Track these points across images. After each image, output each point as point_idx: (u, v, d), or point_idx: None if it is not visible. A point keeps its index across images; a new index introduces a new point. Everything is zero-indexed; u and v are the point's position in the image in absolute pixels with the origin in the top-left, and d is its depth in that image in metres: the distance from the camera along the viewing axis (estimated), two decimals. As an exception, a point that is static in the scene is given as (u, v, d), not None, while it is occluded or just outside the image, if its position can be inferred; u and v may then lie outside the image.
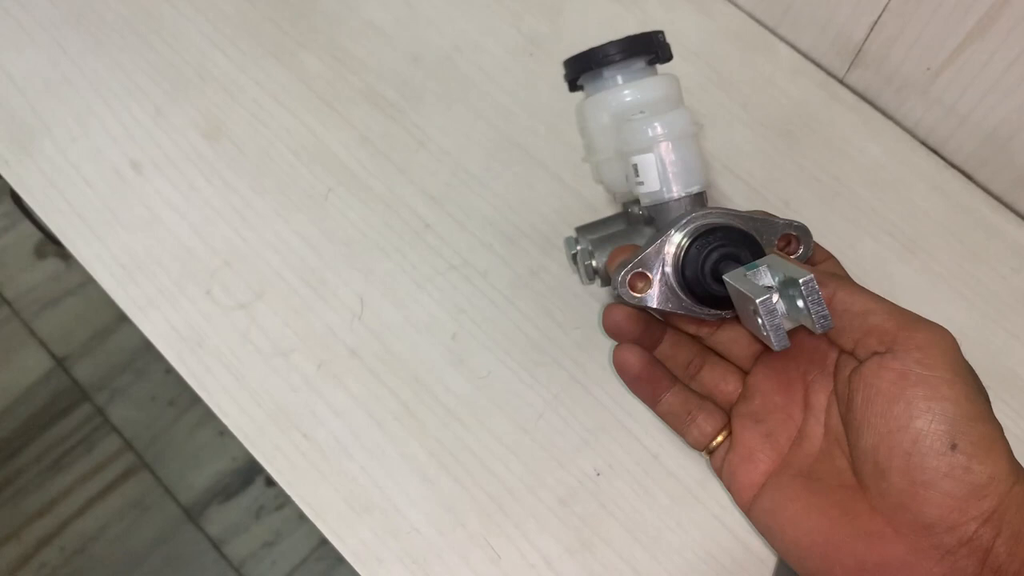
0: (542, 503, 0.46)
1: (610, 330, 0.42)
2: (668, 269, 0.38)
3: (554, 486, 0.47)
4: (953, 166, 0.54)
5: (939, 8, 0.47)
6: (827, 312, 0.33)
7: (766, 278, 0.35)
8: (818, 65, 0.57)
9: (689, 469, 0.47)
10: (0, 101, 0.55)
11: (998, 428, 0.31)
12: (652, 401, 0.42)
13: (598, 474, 0.47)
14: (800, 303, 0.33)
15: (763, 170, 0.54)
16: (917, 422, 0.31)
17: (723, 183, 0.53)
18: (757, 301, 0.33)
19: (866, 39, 0.52)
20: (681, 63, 0.56)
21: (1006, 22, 0.45)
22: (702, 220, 0.38)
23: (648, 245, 0.39)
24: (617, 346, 0.41)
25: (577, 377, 0.49)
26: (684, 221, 0.38)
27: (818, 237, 0.52)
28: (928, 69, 0.51)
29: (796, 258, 0.39)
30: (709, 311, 0.39)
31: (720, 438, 0.41)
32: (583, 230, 0.47)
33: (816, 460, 0.37)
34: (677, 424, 0.42)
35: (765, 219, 0.39)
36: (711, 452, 0.42)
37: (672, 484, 0.47)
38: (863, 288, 0.35)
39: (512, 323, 0.50)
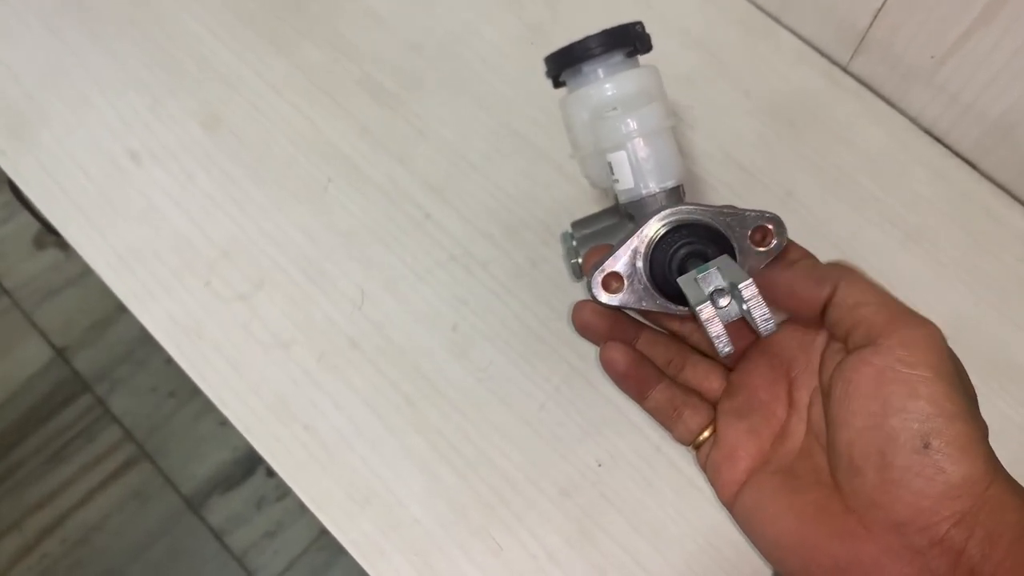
0: (544, 494, 0.46)
1: (579, 327, 0.42)
2: (640, 267, 0.38)
3: (556, 477, 0.47)
4: (957, 155, 0.54)
5: (944, -5, 0.47)
6: (769, 316, 0.33)
7: (717, 280, 0.35)
8: (821, 53, 0.56)
9: (691, 460, 0.47)
10: (-4, 91, 0.55)
11: (978, 428, 0.30)
12: (639, 397, 0.42)
13: (600, 465, 0.47)
14: (744, 306, 0.34)
15: (765, 158, 0.53)
16: (892, 420, 0.31)
17: (725, 172, 0.53)
18: (696, 308, 0.34)
19: (870, 26, 0.52)
20: (683, 51, 0.56)
21: (1012, 9, 0.44)
22: (670, 217, 0.38)
23: (619, 245, 0.38)
24: (604, 345, 0.41)
25: (579, 368, 0.49)
26: (653, 219, 0.38)
27: (820, 226, 0.52)
28: (932, 57, 0.50)
29: (770, 250, 0.39)
30: (683, 308, 0.39)
31: (706, 433, 0.40)
32: (578, 225, 0.46)
33: (796, 458, 0.36)
34: (664, 419, 0.41)
35: (736, 212, 0.38)
36: (697, 447, 0.41)
37: (674, 475, 0.47)
38: (865, 280, 0.34)
39: (513, 314, 0.50)
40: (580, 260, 0.43)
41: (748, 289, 0.33)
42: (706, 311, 0.34)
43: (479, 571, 0.45)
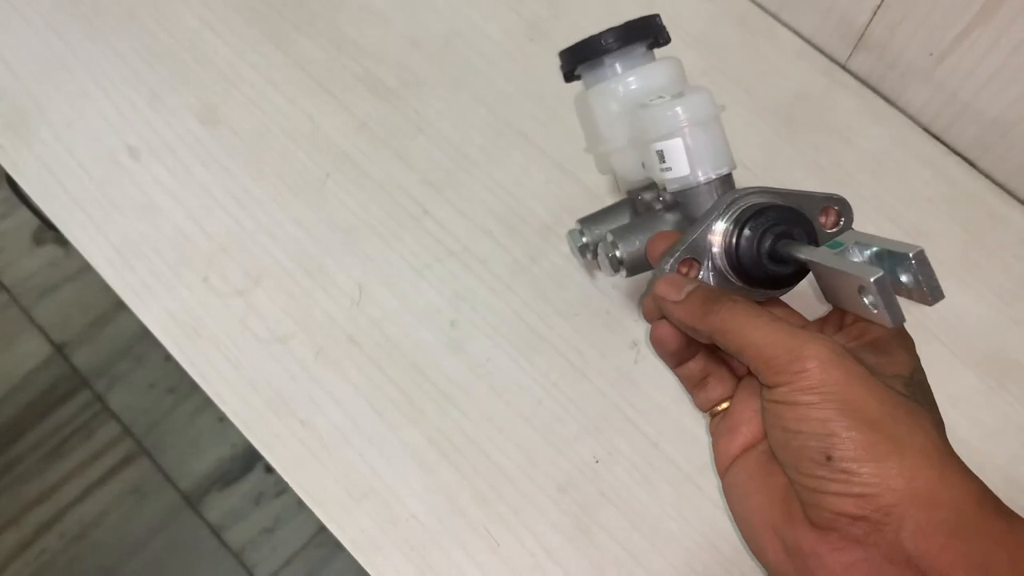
0: (541, 491, 0.46)
1: (650, 317, 0.42)
2: (716, 252, 0.38)
3: (553, 473, 0.47)
4: (956, 153, 0.54)
5: (944, -8, 0.47)
6: (938, 284, 0.32)
7: (855, 255, 0.35)
8: (820, 50, 0.56)
9: (689, 456, 0.47)
10: (-5, 86, 0.55)
11: (882, 429, 0.31)
12: (675, 365, 0.42)
13: (597, 461, 0.47)
14: (905, 277, 0.33)
15: (765, 156, 0.53)
16: (793, 443, 0.33)
17: (724, 169, 0.53)
18: (871, 280, 0.31)
19: (869, 23, 0.52)
20: (683, 48, 0.56)
21: (1011, 7, 0.44)
22: (747, 202, 0.37)
23: (694, 231, 0.38)
24: (655, 323, 0.41)
25: (576, 364, 0.49)
26: (727, 204, 0.37)
27: (820, 224, 0.52)
28: (932, 54, 0.50)
29: (838, 231, 0.39)
30: (763, 292, 0.38)
31: (724, 405, 0.41)
32: (587, 221, 0.46)
33: None
34: (689, 384, 0.42)
35: (804, 193, 0.38)
36: (713, 415, 0.42)
37: (672, 471, 0.47)
38: (739, 320, 0.35)
39: (511, 310, 0.50)
40: (618, 253, 0.43)
41: (920, 256, 0.32)
42: (883, 281, 0.31)
43: (477, 567, 0.45)
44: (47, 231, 1.38)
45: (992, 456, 0.47)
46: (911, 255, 0.32)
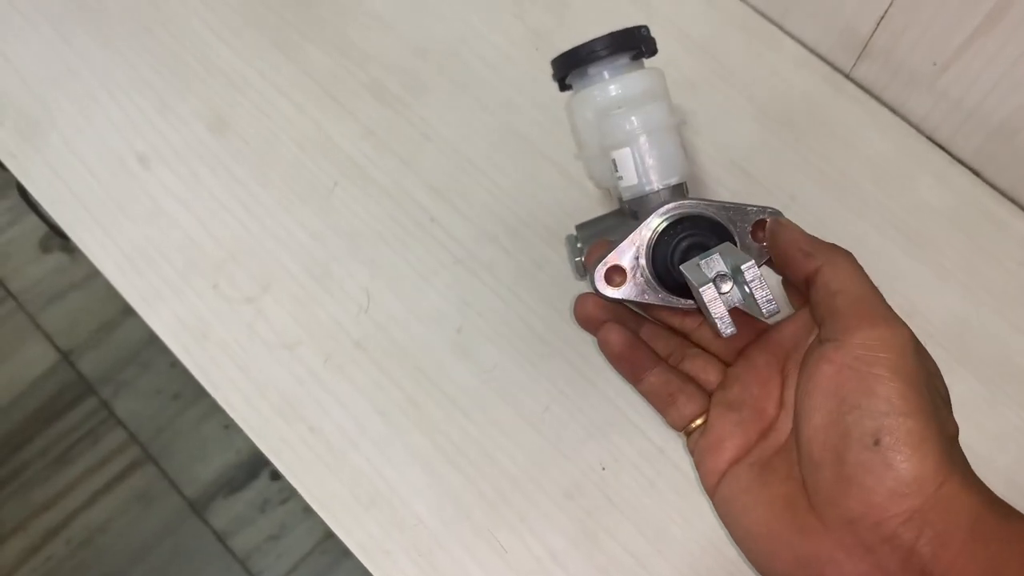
0: (547, 496, 0.47)
1: (580, 320, 0.42)
2: (642, 261, 0.39)
3: (560, 479, 0.47)
4: (960, 161, 0.54)
5: (947, 1, 0.47)
6: (771, 297, 0.34)
7: (719, 265, 0.36)
8: (824, 59, 0.57)
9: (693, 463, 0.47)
10: (5, 93, 0.55)
11: (935, 428, 0.31)
12: (634, 380, 0.42)
13: (603, 468, 0.47)
14: (747, 289, 0.34)
15: (769, 163, 0.54)
16: (847, 417, 0.31)
17: (728, 176, 0.53)
18: (700, 289, 0.34)
19: (873, 33, 0.52)
20: (686, 56, 0.56)
21: (1015, 16, 0.45)
22: (673, 211, 0.38)
23: (620, 239, 0.39)
24: (602, 325, 0.41)
25: (583, 371, 0.49)
26: (656, 213, 0.38)
27: (823, 230, 0.52)
28: (935, 64, 0.51)
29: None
30: (685, 301, 0.39)
31: (699, 421, 0.41)
32: (582, 228, 0.47)
33: (776, 453, 0.37)
34: (658, 403, 0.42)
35: (738, 207, 0.39)
36: (688, 433, 0.41)
37: (677, 478, 0.47)
38: (852, 268, 0.35)
39: (517, 316, 0.50)
40: (583, 259, 0.44)
41: (750, 271, 0.34)
42: (709, 292, 0.34)
43: (483, 572, 0.45)
44: (54, 238, 1.39)
45: (994, 461, 0.47)
46: (743, 268, 0.34)
